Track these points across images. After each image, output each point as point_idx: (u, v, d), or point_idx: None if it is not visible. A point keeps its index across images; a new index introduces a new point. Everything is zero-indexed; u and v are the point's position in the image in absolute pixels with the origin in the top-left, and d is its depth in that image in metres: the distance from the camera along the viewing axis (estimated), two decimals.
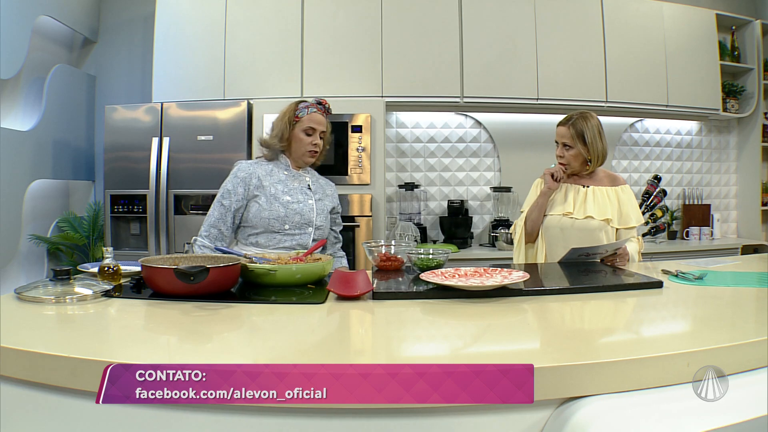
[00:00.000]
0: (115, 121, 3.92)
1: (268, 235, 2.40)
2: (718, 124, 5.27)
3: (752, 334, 1.25)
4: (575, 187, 2.69)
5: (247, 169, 2.46)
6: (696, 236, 5.00)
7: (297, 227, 2.42)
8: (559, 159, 2.68)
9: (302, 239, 2.44)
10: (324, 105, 2.59)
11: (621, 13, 4.59)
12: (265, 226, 2.40)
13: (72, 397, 1.10)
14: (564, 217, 2.62)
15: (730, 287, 1.90)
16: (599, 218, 2.59)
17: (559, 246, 2.57)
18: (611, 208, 2.63)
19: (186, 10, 4.25)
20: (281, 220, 2.40)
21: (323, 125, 2.55)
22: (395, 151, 4.70)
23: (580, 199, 2.65)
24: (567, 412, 1.05)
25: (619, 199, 2.67)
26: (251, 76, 4.18)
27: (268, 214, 2.39)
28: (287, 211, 2.41)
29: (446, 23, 4.33)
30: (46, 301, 1.59)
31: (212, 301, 1.64)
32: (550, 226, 2.64)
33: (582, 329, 1.51)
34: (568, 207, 2.63)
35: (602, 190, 2.67)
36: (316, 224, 2.47)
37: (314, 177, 2.63)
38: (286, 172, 2.52)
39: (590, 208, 2.61)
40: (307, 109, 2.53)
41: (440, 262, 2.09)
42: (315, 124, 2.51)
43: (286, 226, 2.41)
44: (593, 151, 2.64)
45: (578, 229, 2.59)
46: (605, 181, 2.72)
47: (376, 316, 1.57)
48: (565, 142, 2.65)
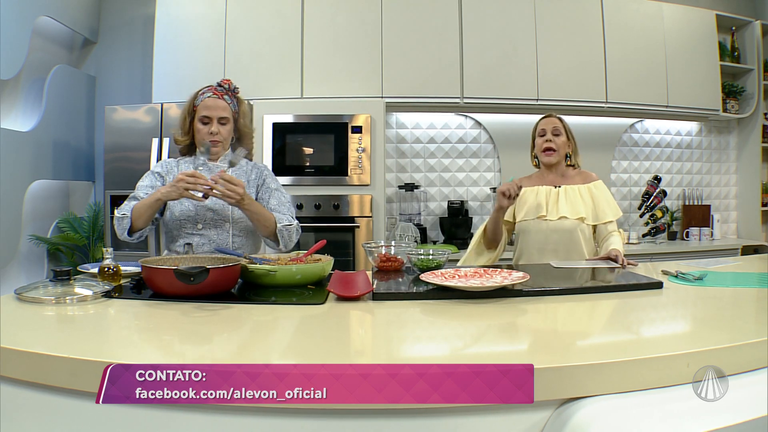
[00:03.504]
0: (115, 122, 3.92)
1: (184, 240, 2.24)
2: (718, 125, 5.27)
3: (752, 335, 1.25)
4: (547, 188, 2.66)
5: (165, 166, 2.34)
6: (696, 237, 5.00)
7: (212, 225, 2.25)
8: (547, 144, 2.66)
9: (220, 238, 2.26)
10: (224, 86, 2.34)
11: (621, 14, 4.59)
12: (177, 227, 2.25)
13: (72, 398, 1.10)
14: (537, 220, 2.60)
15: (730, 288, 1.90)
16: (573, 217, 2.57)
17: (535, 249, 2.58)
18: (584, 206, 2.60)
19: (186, 11, 4.25)
20: (193, 219, 2.25)
21: (220, 109, 2.29)
22: (395, 151, 4.70)
23: (552, 199, 2.62)
24: (567, 412, 1.05)
25: (593, 195, 2.64)
26: (251, 76, 4.18)
27: (179, 214, 2.25)
28: (197, 208, 2.24)
29: (446, 24, 4.34)
30: (46, 301, 1.59)
31: (212, 301, 1.64)
32: (525, 231, 2.63)
33: (582, 330, 1.51)
34: (541, 210, 2.60)
35: (574, 188, 2.65)
36: (234, 218, 2.27)
37: (238, 166, 2.39)
38: (201, 167, 2.31)
39: (563, 207, 2.59)
40: (203, 96, 2.31)
41: (440, 262, 2.09)
42: (208, 110, 2.27)
43: (199, 225, 2.25)
44: (575, 146, 2.71)
45: (553, 230, 2.57)
46: (577, 179, 2.70)
47: (376, 316, 1.57)
48: (557, 127, 2.66)
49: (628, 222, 5.02)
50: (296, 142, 3.99)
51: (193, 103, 2.33)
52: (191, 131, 2.34)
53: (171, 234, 2.30)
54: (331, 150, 3.96)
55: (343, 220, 3.92)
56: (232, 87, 2.35)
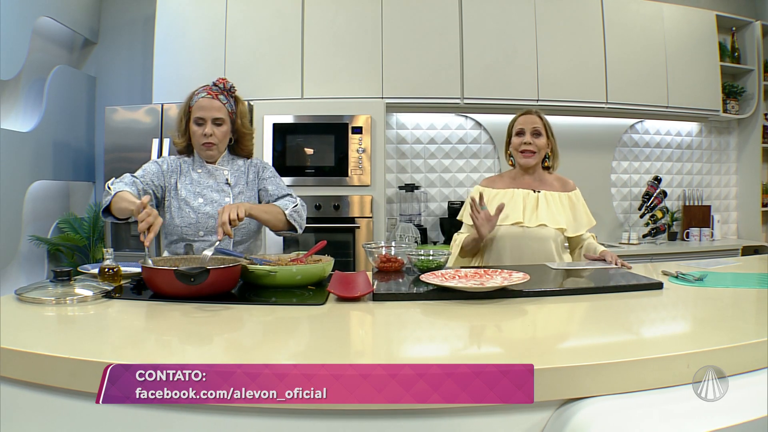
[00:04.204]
0: (115, 122, 3.92)
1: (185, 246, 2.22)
2: (719, 125, 5.27)
3: (752, 335, 1.25)
4: (524, 192, 2.51)
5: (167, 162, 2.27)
6: (696, 237, 5.00)
7: (214, 231, 2.16)
8: (526, 146, 2.49)
9: (221, 243, 2.10)
10: (219, 85, 2.26)
11: (621, 14, 4.59)
12: (179, 234, 2.22)
13: (72, 398, 1.10)
14: (515, 226, 2.44)
15: (730, 288, 1.90)
16: (553, 226, 2.44)
17: (508, 257, 2.43)
18: (564, 215, 2.48)
19: (186, 12, 4.25)
20: (194, 227, 2.20)
21: (215, 110, 2.21)
22: (395, 152, 4.70)
23: (531, 204, 2.48)
24: (567, 413, 1.05)
25: (573, 205, 2.52)
26: (252, 77, 4.18)
27: (180, 222, 2.21)
28: (198, 216, 2.20)
29: (446, 24, 4.34)
30: (46, 302, 1.59)
31: (212, 302, 1.64)
32: (501, 237, 2.44)
33: (582, 330, 1.51)
34: (518, 215, 2.44)
35: (554, 195, 2.51)
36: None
37: (236, 167, 2.34)
38: (200, 169, 2.27)
39: (543, 215, 2.45)
40: (197, 96, 2.24)
41: (440, 263, 2.09)
42: (202, 111, 2.20)
43: (201, 233, 2.21)
44: (555, 147, 2.56)
45: (530, 238, 2.42)
46: (556, 185, 2.56)
47: (376, 317, 1.57)
48: (536, 127, 2.48)
49: (628, 222, 5.02)
50: (296, 142, 3.99)
51: (188, 104, 2.26)
52: (188, 132, 2.27)
53: (171, 237, 2.28)
54: (332, 150, 3.96)
55: (343, 221, 3.92)
56: (227, 86, 2.27)
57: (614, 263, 2.26)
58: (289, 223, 2.23)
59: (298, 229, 2.26)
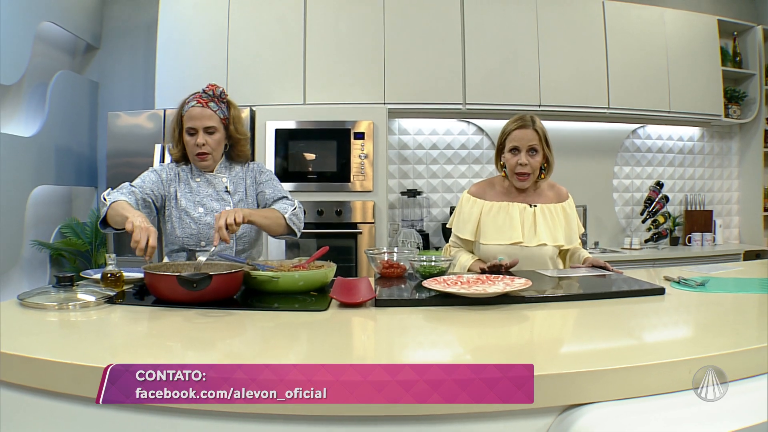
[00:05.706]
0: (117, 128, 3.93)
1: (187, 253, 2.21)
2: (720, 130, 5.27)
3: (754, 341, 1.24)
4: (521, 206, 2.38)
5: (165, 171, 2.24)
6: (698, 242, 5.00)
7: None
8: (521, 168, 2.32)
9: (224, 252, 2.16)
10: (209, 92, 2.20)
11: (622, 20, 4.60)
12: (180, 244, 2.21)
13: (74, 404, 1.10)
14: (513, 246, 2.31)
15: (732, 293, 1.90)
16: (552, 244, 2.33)
17: None
18: (560, 229, 2.37)
19: (189, 17, 4.27)
20: (195, 238, 2.19)
21: (206, 119, 2.16)
22: (398, 157, 4.71)
23: (528, 221, 2.35)
24: (569, 419, 1.05)
25: (567, 216, 2.41)
26: (254, 83, 4.19)
27: (181, 232, 2.20)
28: (199, 227, 2.19)
29: (449, 30, 4.35)
30: (48, 307, 1.59)
31: (215, 308, 1.64)
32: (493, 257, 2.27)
33: (584, 336, 1.50)
34: (516, 234, 2.32)
35: (550, 207, 2.39)
36: (237, 234, 2.18)
37: (234, 172, 2.31)
38: (198, 178, 2.25)
39: (542, 232, 2.33)
40: (188, 105, 2.19)
41: (443, 269, 2.09)
42: (193, 121, 2.16)
43: (202, 243, 2.20)
44: (551, 158, 2.37)
45: (528, 257, 2.30)
46: (550, 195, 2.44)
47: (379, 323, 1.57)
48: (533, 145, 2.31)
49: (631, 228, 5.02)
50: (299, 148, 3.99)
51: (180, 113, 2.22)
52: (182, 142, 2.23)
53: (173, 246, 2.27)
54: (334, 156, 3.96)
55: (345, 227, 3.92)
56: (217, 92, 2.21)
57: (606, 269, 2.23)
58: (289, 227, 2.23)
59: (297, 232, 2.25)
